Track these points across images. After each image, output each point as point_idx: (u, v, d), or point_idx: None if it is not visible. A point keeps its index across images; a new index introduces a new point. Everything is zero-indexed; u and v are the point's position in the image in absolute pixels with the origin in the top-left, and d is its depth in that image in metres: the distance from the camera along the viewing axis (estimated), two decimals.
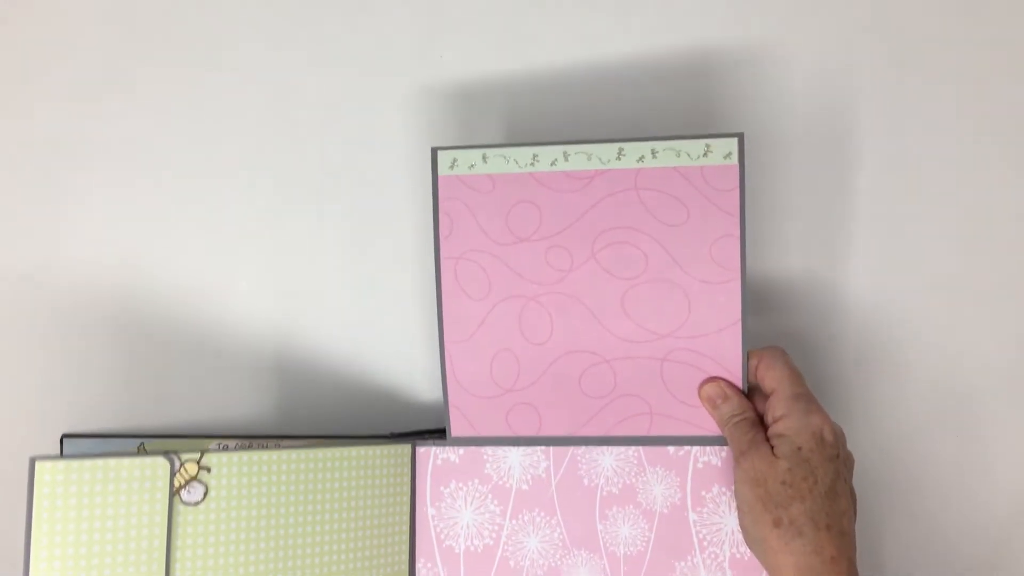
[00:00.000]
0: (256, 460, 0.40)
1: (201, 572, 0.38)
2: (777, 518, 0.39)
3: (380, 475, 0.44)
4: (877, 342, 0.48)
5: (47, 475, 0.34)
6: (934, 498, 0.47)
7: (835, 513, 0.39)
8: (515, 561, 0.45)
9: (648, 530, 0.44)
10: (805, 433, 0.40)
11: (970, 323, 0.48)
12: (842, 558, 0.38)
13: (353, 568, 0.43)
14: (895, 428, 0.48)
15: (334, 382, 0.49)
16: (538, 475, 0.45)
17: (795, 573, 0.38)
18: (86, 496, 0.35)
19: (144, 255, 0.49)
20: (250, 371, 0.48)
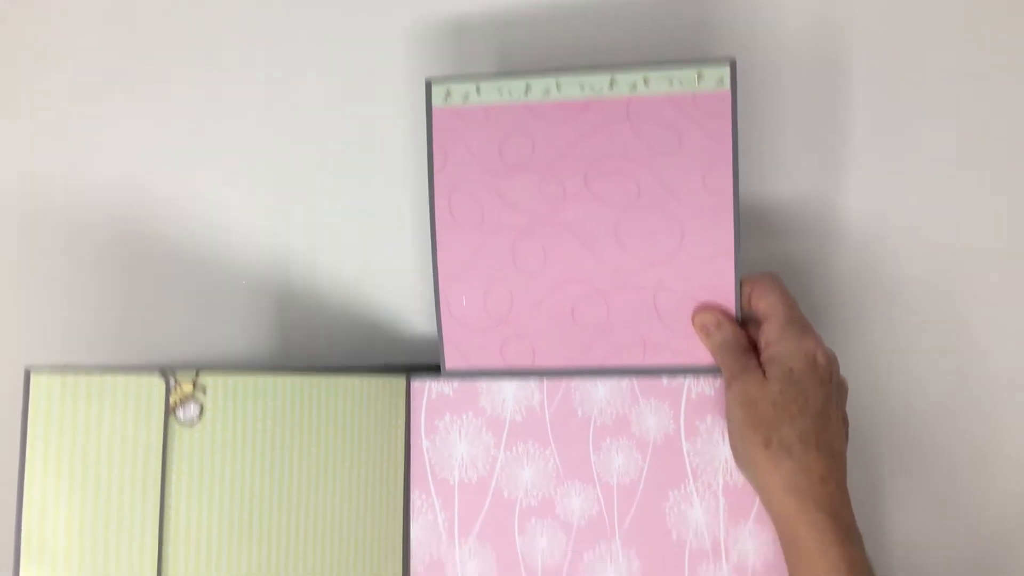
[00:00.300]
0: (251, 384, 0.40)
1: (197, 494, 0.39)
2: (767, 439, 0.39)
3: (375, 406, 0.45)
4: (874, 265, 0.48)
5: (43, 388, 0.35)
6: (930, 425, 0.47)
7: (826, 434, 0.39)
8: (509, 492, 0.45)
9: (642, 460, 0.44)
10: (797, 356, 0.40)
11: (970, 243, 0.47)
12: (831, 478, 0.38)
13: (348, 498, 0.43)
14: (892, 354, 0.47)
15: (330, 316, 0.49)
16: (532, 407, 0.45)
17: (784, 492, 0.38)
18: (81, 411, 0.36)
19: (141, 185, 0.49)
20: (246, 305, 0.49)
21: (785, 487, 0.38)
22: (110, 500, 0.36)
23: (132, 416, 0.37)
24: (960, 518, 0.47)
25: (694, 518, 0.43)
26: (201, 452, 0.39)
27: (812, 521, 0.37)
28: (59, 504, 0.36)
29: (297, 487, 0.41)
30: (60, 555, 0.36)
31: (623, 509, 0.44)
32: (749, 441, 0.40)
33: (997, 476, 0.47)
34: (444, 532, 0.45)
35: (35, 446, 0.35)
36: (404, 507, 0.46)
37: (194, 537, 0.38)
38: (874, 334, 0.48)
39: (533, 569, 0.44)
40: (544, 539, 0.45)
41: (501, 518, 0.45)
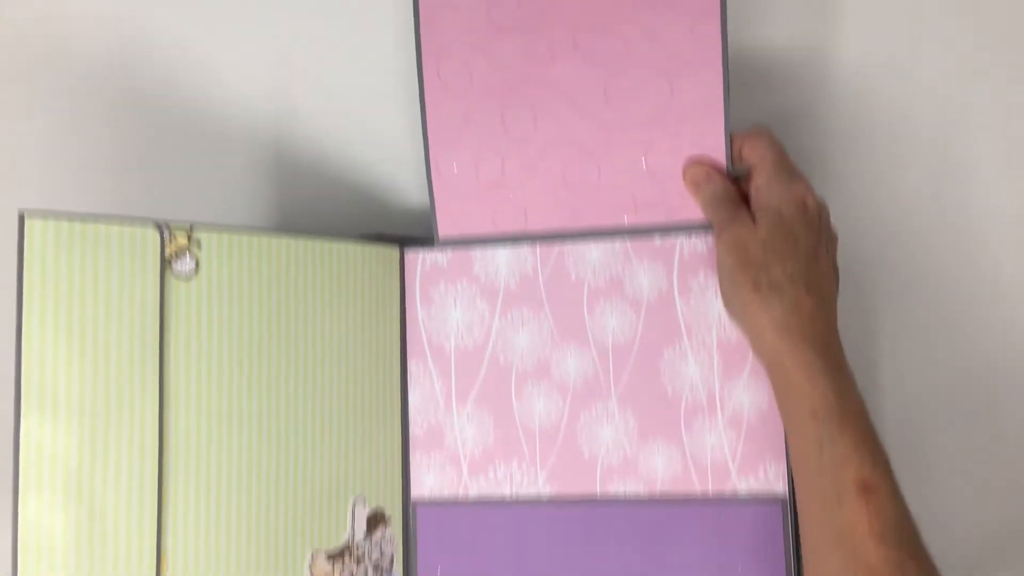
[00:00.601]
0: (246, 242, 0.40)
1: (196, 348, 0.39)
2: (756, 281, 0.39)
3: (370, 275, 0.45)
4: (867, 116, 0.47)
5: (37, 231, 0.35)
6: (928, 277, 0.47)
7: (815, 276, 0.39)
8: (505, 357, 0.45)
9: (636, 320, 0.44)
10: (786, 201, 0.40)
11: (967, 85, 0.46)
12: (821, 317, 0.39)
13: (346, 365, 0.43)
14: (887, 204, 0.47)
15: (324, 186, 0.49)
16: (525, 272, 0.45)
17: (773, 331, 0.38)
18: (77, 257, 0.36)
19: (135, 36, 0.49)
20: (240, 170, 0.49)
21: (774, 326, 0.38)
22: (108, 348, 0.37)
23: (128, 265, 0.37)
24: (954, 355, 0.47)
25: (689, 375, 0.44)
26: (199, 306, 0.39)
27: (801, 355, 0.38)
28: (58, 351, 0.36)
29: (295, 351, 0.42)
30: (61, 401, 0.36)
31: (618, 369, 0.44)
32: (739, 284, 0.40)
33: (989, 311, 0.47)
34: (442, 399, 0.46)
35: (32, 293, 0.35)
36: (401, 376, 0.46)
37: (194, 392, 0.39)
38: (867, 185, 0.47)
39: (531, 432, 0.45)
40: (541, 402, 0.45)
41: (498, 383, 0.45)
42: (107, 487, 0.36)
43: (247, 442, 0.40)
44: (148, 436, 0.37)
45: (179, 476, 0.38)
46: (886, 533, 0.34)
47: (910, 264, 0.47)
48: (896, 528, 0.35)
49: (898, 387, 0.47)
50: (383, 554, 0.45)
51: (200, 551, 0.38)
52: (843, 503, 0.35)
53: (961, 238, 0.47)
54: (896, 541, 0.34)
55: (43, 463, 0.35)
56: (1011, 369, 0.47)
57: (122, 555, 0.37)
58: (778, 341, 0.38)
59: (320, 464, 0.42)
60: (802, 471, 0.38)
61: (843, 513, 0.35)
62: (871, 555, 0.34)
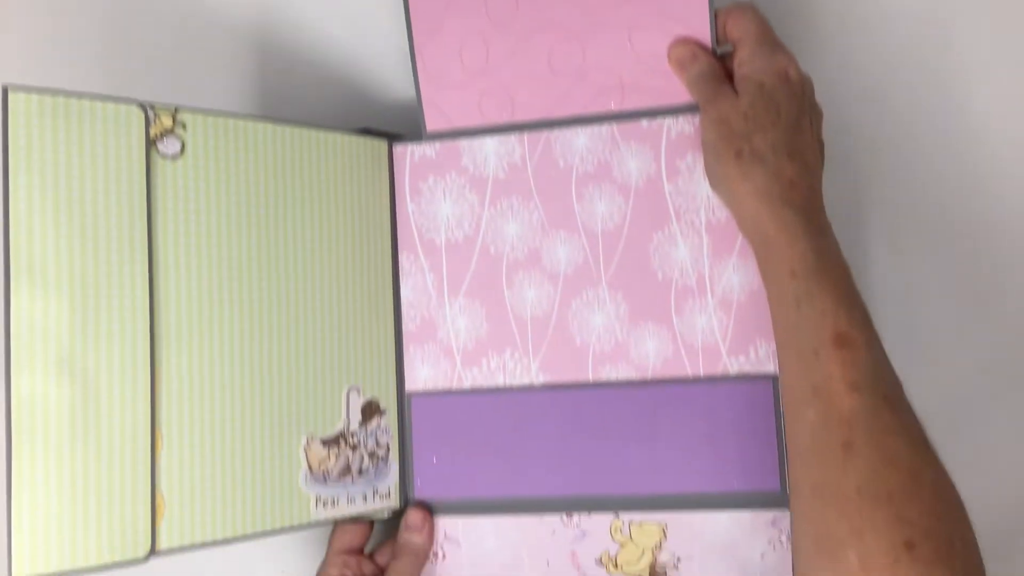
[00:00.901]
0: (232, 126, 0.40)
1: (184, 229, 0.39)
2: (739, 150, 0.39)
3: (358, 167, 0.45)
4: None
5: (21, 105, 0.35)
6: (920, 150, 0.47)
7: (798, 145, 0.39)
8: (495, 248, 0.45)
9: (624, 205, 0.44)
10: (769, 71, 0.40)
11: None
12: (802, 183, 0.38)
13: (336, 256, 0.44)
14: (876, 78, 0.47)
15: (310, 76, 0.49)
16: (514, 162, 0.45)
17: (754, 198, 0.38)
18: (62, 133, 0.36)
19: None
20: (225, 60, 0.49)
21: (756, 193, 0.38)
22: (96, 222, 0.37)
23: (113, 141, 0.37)
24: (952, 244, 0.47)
25: (678, 257, 0.44)
26: (186, 186, 0.39)
27: (780, 218, 0.38)
28: (46, 225, 0.36)
29: (285, 238, 0.42)
30: (51, 276, 0.36)
31: (608, 255, 0.44)
32: (722, 156, 0.40)
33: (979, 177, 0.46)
34: (434, 292, 0.46)
35: (17, 167, 0.35)
36: (393, 271, 0.46)
37: (184, 272, 0.39)
38: (856, 61, 0.47)
39: (522, 320, 0.45)
40: (532, 291, 0.45)
41: (489, 274, 0.45)
42: (100, 363, 0.37)
43: (238, 323, 0.40)
44: (139, 312, 0.38)
45: (171, 354, 0.39)
46: (861, 382, 0.34)
47: (900, 144, 0.47)
48: (872, 377, 0.35)
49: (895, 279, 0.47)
50: (379, 444, 0.45)
51: (195, 429, 0.39)
52: (819, 356, 0.35)
53: (939, 77, 0.46)
54: (871, 390, 0.34)
55: (35, 337, 0.35)
56: (1011, 250, 0.47)
57: (116, 430, 0.37)
58: (759, 206, 0.38)
59: (312, 350, 0.43)
60: (781, 329, 0.38)
61: (819, 366, 0.35)
62: (844, 403, 0.34)
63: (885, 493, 0.32)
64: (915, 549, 0.31)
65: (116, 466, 0.37)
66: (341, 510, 0.43)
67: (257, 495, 0.40)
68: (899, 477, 0.32)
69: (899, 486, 0.32)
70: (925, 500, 0.32)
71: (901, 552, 0.31)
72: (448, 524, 0.45)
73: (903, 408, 0.35)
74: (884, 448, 0.33)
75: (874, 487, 0.32)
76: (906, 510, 0.32)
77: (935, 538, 0.31)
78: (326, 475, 0.43)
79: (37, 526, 0.35)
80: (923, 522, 0.32)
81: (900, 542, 0.31)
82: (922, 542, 0.31)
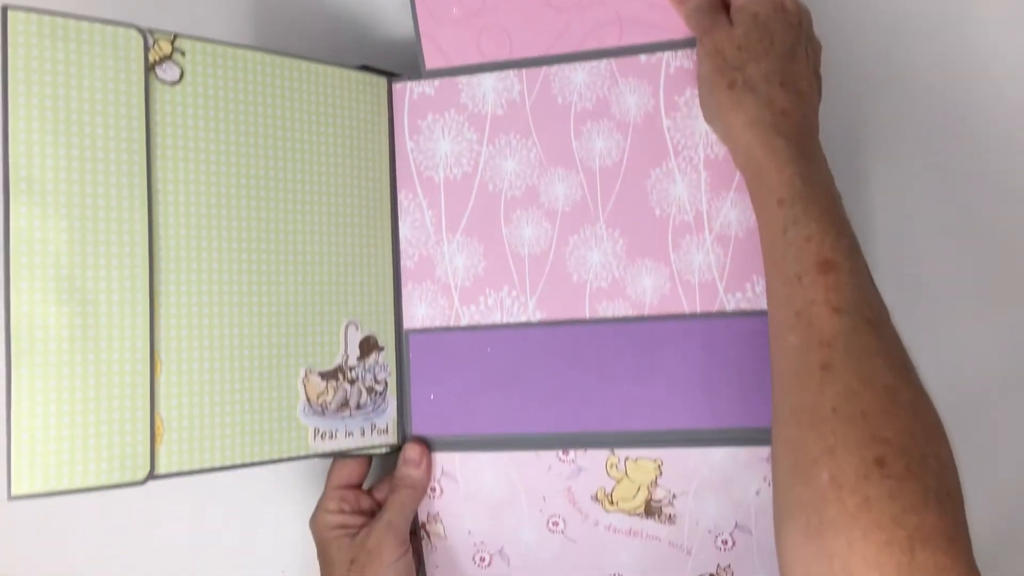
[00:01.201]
0: (231, 55, 0.41)
1: (183, 156, 0.39)
2: (732, 80, 0.39)
3: (357, 103, 0.45)
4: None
5: (20, 25, 0.35)
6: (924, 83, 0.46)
7: (792, 74, 0.39)
8: (493, 185, 0.45)
9: (623, 141, 0.44)
10: (764, 1, 0.40)
11: None
12: (796, 112, 0.38)
13: (335, 191, 0.44)
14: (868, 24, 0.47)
15: (304, 13, 0.49)
16: (512, 99, 0.45)
17: (747, 126, 0.38)
18: (61, 54, 0.36)
19: None
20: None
21: (748, 121, 0.38)
22: (95, 143, 0.37)
23: (112, 64, 0.37)
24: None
25: (676, 193, 0.44)
26: (184, 115, 0.39)
27: (770, 146, 0.37)
28: (44, 143, 0.36)
29: (283, 168, 0.42)
30: (49, 195, 0.36)
31: (606, 191, 0.44)
32: (715, 86, 0.39)
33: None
34: (432, 229, 0.46)
35: (17, 87, 0.36)
36: (391, 208, 0.47)
37: (183, 196, 0.39)
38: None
39: (520, 257, 0.45)
40: (530, 228, 0.45)
41: (487, 211, 0.45)
42: (98, 284, 0.37)
43: (237, 251, 0.41)
44: (138, 236, 0.38)
45: (170, 279, 0.39)
46: (842, 306, 0.34)
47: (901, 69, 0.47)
48: (854, 301, 0.34)
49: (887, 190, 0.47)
50: (376, 379, 0.45)
51: (193, 354, 0.39)
52: (803, 282, 0.35)
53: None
54: (853, 313, 0.34)
55: (33, 256, 0.36)
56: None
57: (116, 351, 0.37)
58: (750, 135, 0.38)
59: (311, 282, 0.43)
60: (768, 257, 0.38)
61: (802, 291, 0.35)
62: (825, 326, 0.34)
63: (860, 412, 0.32)
64: (886, 466, 0.31)
65: (115, 387, 0.37)
66: (339, 443, 0.43)
67: (255, 424, 0.41)
68: (875, 397, 0.32)
69: (874, 405, 0.32)
70: (901, 419, 0.32)
71: (872, 468, 0.31)
72: (445, 460, 0.45)
73: (885, 332, 0.35)
74: (862, 369, 0.33)
75: (849, 406, 0.32)
76: (880, 429, 0.32)
77: (907, 455, 0.31)
78: (324, 408, 0.43)
79: (36, 445, 0.36)
80: (897, 440, 0.31)
81: (871, 459, 0.31)
82: (894, 459, 0.31)
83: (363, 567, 0.42)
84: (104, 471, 0.37)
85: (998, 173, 0.46)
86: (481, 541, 0.45)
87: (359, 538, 0.43)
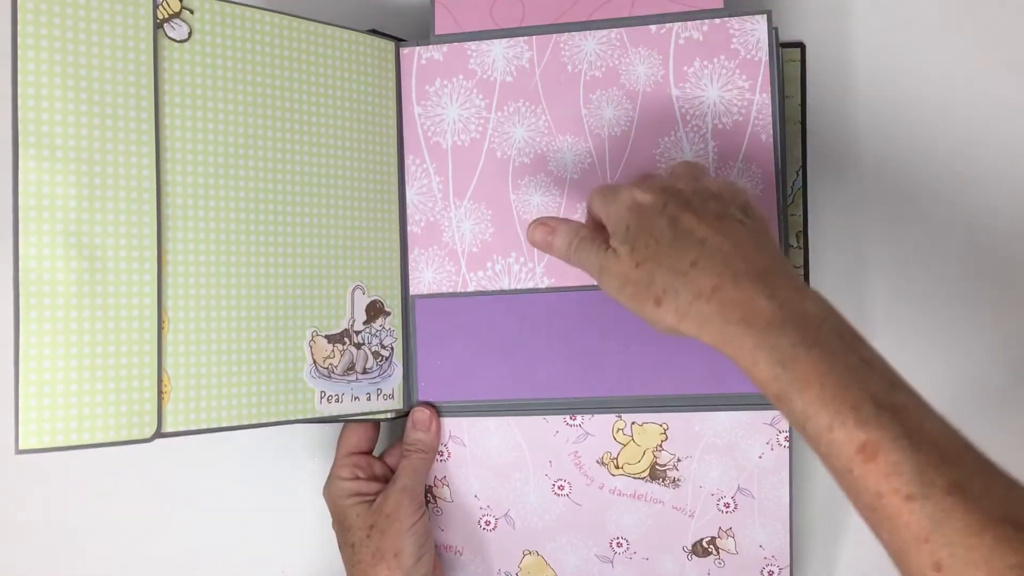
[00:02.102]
0: (240, 14, 0.40)
1: (191, 115, 0.39)
2: (655, 298, 0.35)
3: (365, 66, 0.45)
4: None
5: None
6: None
7: (690, 248, 0.35)
8: (502, 151, 0.46)
9: (631, 110, 0.45)
10: (622, 213, 0.37)
11: None
12: (728, 285, 0.34)
13: (342, 153, 0.44)
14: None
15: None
16: (522, 65, 0.45)
17: (698, 328, 0.34)
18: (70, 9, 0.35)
19: None
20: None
21: (697, 323, 0.34)
22: (104, 97, 0.36)
23: (120, 22, 0.37)
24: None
25: None
26: (192, 73, 0.39)
27: (730, 341, 0.33)
28: (53, 97, 0.35)
29: (290, 133, 0.42)
30: (58, 149, 0.36)
31: (614, 160, 0.45)
32: (646, 312, 0.36)
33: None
34: (439, 195, 0.46)
35: (26, 41, 0.35)
36: (399, 173, 0.46)
37: (191, 155, 0.39)
38: None
39: (528, 224, 0.45)
40: (538, 195, 0.45)
41: (495, 177, 0.46)
42: (106, 239, 0.36)
43: (244, 212, 0.40)
44: (146, 193, 0.37)
45: (178, 236, 0.38)
46: (914, 489, 0.29)
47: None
48: (920, 473, 0.29)
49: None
50: (383, 344, 0.45)
51: (200, 313, 0.39)
52: (856, 474, 0.30)
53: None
54: (929, 486, 0.29)
55: (42, 208, 0.35)
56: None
57: (124, 307, 0.37)
58: (707, 337, 0.34)
59: (317, 244, 0.43)
60: (810, 444, 0.33)
61: (863, 485, 0.30)
62: (910, 520, 0.29)
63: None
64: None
65: (123, 343, 0.37)
66: (345, 407, 0.43)
67: (262, 384, 0.41)
68: (999, 559, 0.28)
69: (1003, 559, 0.28)
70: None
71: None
72: (452, 424, 0.45)
73: (974, 486, 0.29)
74: (972, 555, 0.28)
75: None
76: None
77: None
78: (330, 370, 0.43)
79: (43, 399, 0.35)
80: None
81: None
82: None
83: (382, 532, 0.42)
84: (112, 427, 0.36)
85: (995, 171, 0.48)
86: (487, 505, 0.46)
87: (376, 504, 0.43)
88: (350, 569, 0.43)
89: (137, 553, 0.49)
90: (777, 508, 0.44)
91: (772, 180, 0.43)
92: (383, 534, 0.42)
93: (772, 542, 0.44)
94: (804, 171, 0.48)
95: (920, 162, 0.48)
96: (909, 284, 0.48)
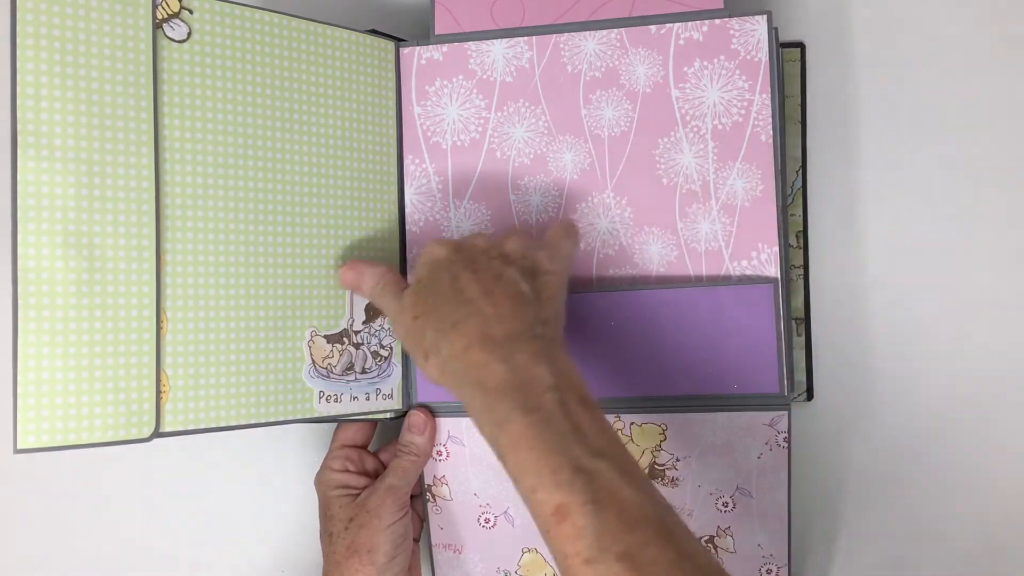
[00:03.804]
0: (239, 15, 0.40)
1: (190, 115, 0.39)
2: (424, 352, 0.38)
3: (365, 66, 0.45)
4: None
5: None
6: None
7: (456, 308, 0.36)
8: (501, 152, 0.46)
9: (631, 110, 0.45)
10: (421, 264, 0.40)
11: None
12: (472, 345, 0.35)
13: (341, 154, 0.44)
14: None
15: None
16: (522, 66, 0.45)
17: (460, 386, 0.36)
18: (69, 8, 0.35)
19: None
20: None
21: (452, 380, 0.36)
22: (103, 97, 0.36)
23: (120, 22, 0.37)
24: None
25: (683, 163, 0.44)
26: (191, 73, 0.39)
27: (470, 400, 0.35)
28: (52, 96, 0.35)
29: (289, 130, 0.42)
30: (57, 149, 0.36)
31: (614, 160, 0.45)
32: (419, 363, 0.38)
33: None
34: (439, 195, 0.46)
35: (25, 39, 0.35)
36: (398, 173, 0.46)
37: (190, 154, 0.39)
38: None
39: (528, 225, 0.45)
40: (537, 196, 0.45)
41: (494, 178, 0.46)
42: (105, 239, 0.36)
43: (243, 212, 0.40)
44: (145, 193, 0.37)
45: (177, 237, 0.38)
46: (591, 554, 0.30)
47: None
48: (598, 540, 0.30)
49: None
50: (382, 345, 0.45)
51: (199, 313, 0.39)
52: (551, 535, 0.32)
53: None
54: (602, 554, 0.30)
55: (41, 208, 0.35)
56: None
57: (122, 307, 0.37)
58: (456, 393, 0.36)
59: (316, 244, 0.43)
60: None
61: (555, 545, 0.32)
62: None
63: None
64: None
65: (122, 343, 0.37)
66: (344, 407, 0.43)
67: (261, 384, 0.41)
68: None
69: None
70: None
71: None
72: (451, 424, 0.45)
73: (646, 555, 0.30)
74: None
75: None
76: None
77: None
78: (329, 370, 0.43)
79: (42, 399, 0.35)
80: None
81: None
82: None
83: (361, 526, 0.42)
84: (110, 427, 0.36)
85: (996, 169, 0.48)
86: (486, 503, 0.46)
87: (360, 499, 0.43)
88: (325, 558, 0.43)
89: (137, 553, 0.49)
90: (775, 508, 0.44)
91: (772, 180, 0.43)
92: (360, 529, 0.42)
93: (770, 541, 0.44)
94: (804, 171, 0.48)
95: (920, 162, 0.48)
96: (908, 283, 0.48)
